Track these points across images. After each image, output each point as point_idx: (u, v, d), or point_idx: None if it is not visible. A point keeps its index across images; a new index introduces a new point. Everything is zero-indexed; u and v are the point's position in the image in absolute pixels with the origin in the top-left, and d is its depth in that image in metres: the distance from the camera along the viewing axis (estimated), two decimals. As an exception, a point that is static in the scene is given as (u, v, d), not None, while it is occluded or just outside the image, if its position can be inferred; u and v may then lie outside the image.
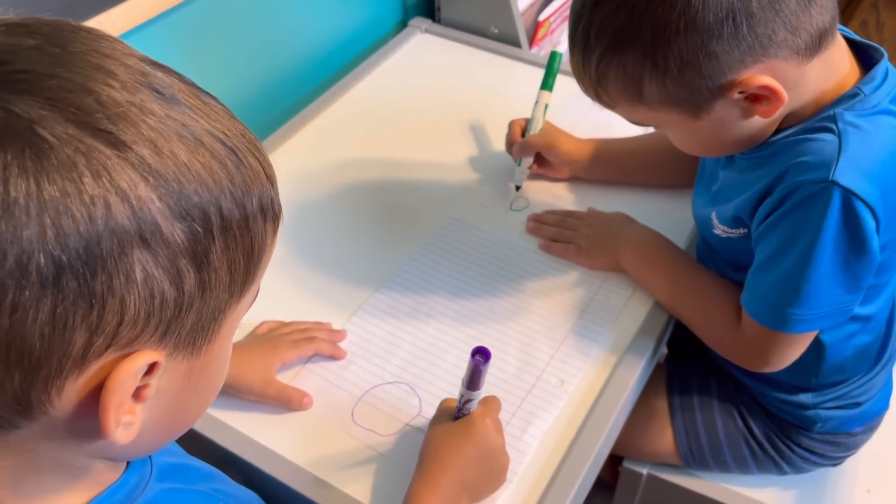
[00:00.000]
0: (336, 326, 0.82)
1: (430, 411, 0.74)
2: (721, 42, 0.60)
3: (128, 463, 0.44)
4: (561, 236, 0.89)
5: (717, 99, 0.64)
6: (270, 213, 0.40)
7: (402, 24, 1.33)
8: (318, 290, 0.86)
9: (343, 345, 0.80)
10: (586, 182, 0.98)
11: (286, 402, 0.73)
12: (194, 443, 0.73)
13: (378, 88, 1.15)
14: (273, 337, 0.77)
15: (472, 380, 0.63)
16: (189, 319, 0.36)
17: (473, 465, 0.63)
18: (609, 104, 0.70)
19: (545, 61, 1.20)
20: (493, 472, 0.65)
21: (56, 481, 0.39)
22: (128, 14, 0.84)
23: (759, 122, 0.66)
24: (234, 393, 0.73)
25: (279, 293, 0.85)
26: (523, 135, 0.95)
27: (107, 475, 0.42)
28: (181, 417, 0.42)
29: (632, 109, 0.68)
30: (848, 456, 0.88)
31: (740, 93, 0.63)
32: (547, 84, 0.95)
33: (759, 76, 0.62)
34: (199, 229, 0.35)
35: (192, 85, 0.39)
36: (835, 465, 0.89)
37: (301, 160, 1.03)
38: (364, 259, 0.89)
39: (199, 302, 0.36)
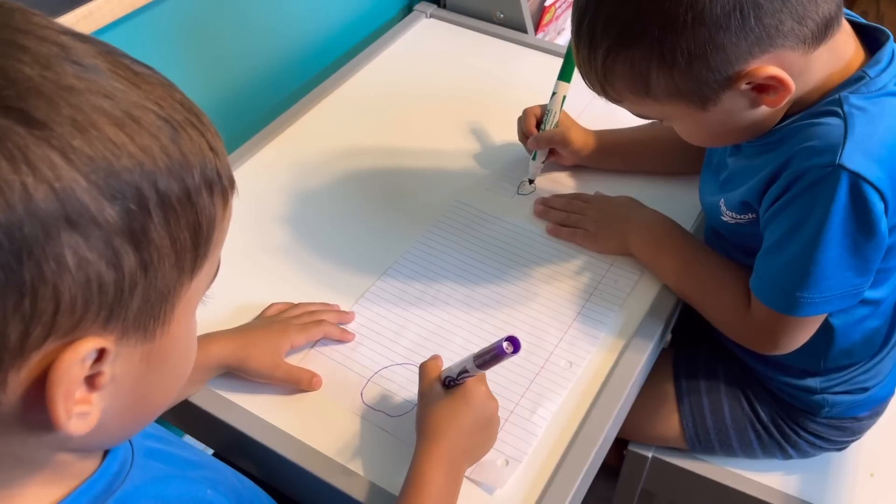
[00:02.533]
0: (344, 308, 0.82)
1: (439, 393, 0.74)
2: (729, 34, 0.60)
3: (107, 452, 0.43)
4: (568, 221, 0.89)
5: (724, 90, 0.64)
6: (218, 185, 0.38)
7: (408, 9, 1.32)
8: (326, 274, 0.86)
9: (351, 327, 0.80)
10: (595, 167, 0.98)
11: (296, 383, 0.73)
12: (205, 422, 0.73)
13: (383, 73, 1.15)
14: (282, 320, 0.77)
15: (489, 362, 0.63)
16: (134, 302, 0.34)
17: (475, 433, 0.65)
18: (615, 99, 0.70)
19: (551, 47, 1.21)
20: (490, 436, 0.67)
21: (20, 476, 0.38)
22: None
23: (765, 112, 0.66)
24: (242, 376, 0.73)
25: (287, 278, 0.85)
26: (538, 126, 0.94)
27: (79, 466, 0.41)
28: (146, 404, 0.41)
29: (639, 103, 0.69)
30: (853, 441, 0.88)
31: (748, 83, 0.63)
32: (565, 75, 0.92)
33: (767, 66, 0.62)
34: (134, 207, 0.33)
35: (123, 55, 0.36)
36: (840, 449, 0.90)
37: (306, 145, 1.02)
38: (371, 244, 0.89)
39: (143, 282, 0.34)
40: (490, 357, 0.63)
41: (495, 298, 0.83)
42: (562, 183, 0.98)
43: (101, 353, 0.34)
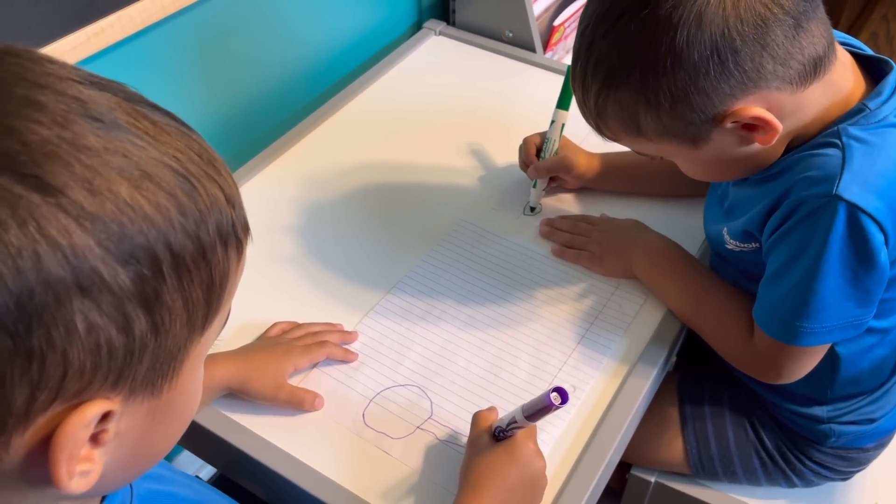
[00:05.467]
0: (348, 327, 0.82)
1: (441, 414, 0.74)
2: (709, 78, 0.61)
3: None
4: (574, 242, 0.89)
5: (712, 129, 0.65)
6: (232, 238, 0.37)
7: (417, 26, 1.33)
8: (332, 290, 0.86)
9: (354, 346, 0.80)
10: (600, 189, 0.98)
11: (298, 404, 0.73)
12: (207, 441, 0.73)
13: (391, 90, 1.15)
14: (285, 342, 0.76)
15: (536, 414, 0.62)
16: (144, 363, 0.34)
17: (517, 490, 0.63)
18: (612, 137, 0.71)
19: (559, 66, 1.21)
20: (535, 495, 0.65)
21: None
22: (149, 9, 0.84)
23: (759, 148, 0.67)
24: (244, 397, 0.73)
25: (293, 292, 0.85)
26: (538, 153, 0.95)
27: None
28: (148, 453, 0.40)
29: (633, 142, 0.70)
30: (858, 471, 0.88)
31: (734, 122, 0.64)
32: (563, 103, 0.92)
33: (751, 107, 0.62)
34: (147, 271, 0.32)
35: (141, 102, 0.36)
36: (844, 479, 0.89)
37: (314, 161, 1.03)
38: (376, 260, 0.89)
39: (153, 344, 0.34)
40: (538, 409, 0.61)
41: (499, 319, 0.83)
42: (567, 204, 0.97)
43: (106, 414, 0.34)
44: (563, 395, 0.60)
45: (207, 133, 1.13)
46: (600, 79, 0.65)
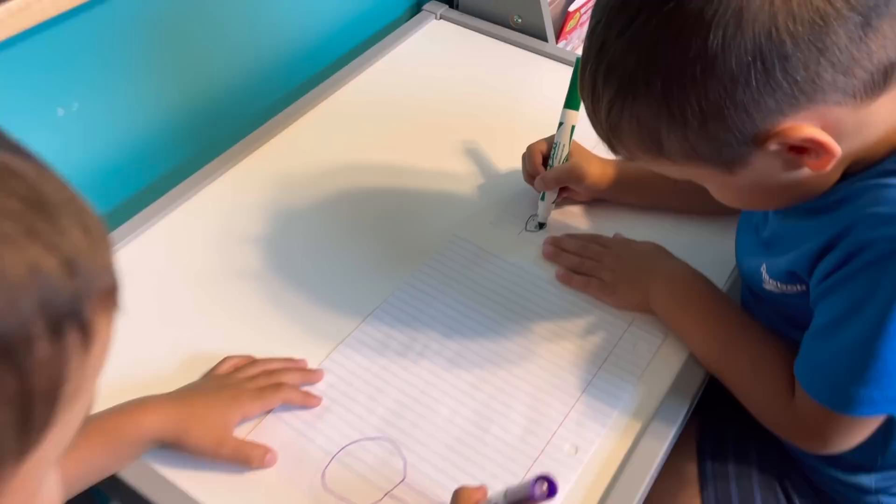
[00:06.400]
0: (314, 363, 0.70)
1: (415, 477, 0.62)
2: (749, 90, 0.49)
3: None
4: (582, 267, 0.77)
5: (751, 152, 0.53)
6: (72, 319, 0.26)
7: (416, 9, 1.21)
8: (297, 316, 0.74)
9: (319, 387, 0.68)
10: (614, 202, 0.86)
11: (244, 461, 0.62)
12: (134, 501, 0.62)
13: (382, 81, 1.03)
14: (235, 383, 0.65)
15: (520, 502, 0.53)
16: None
17: None
18: (627, 156, 0.59)
19: (573, 57, 1.08)
20: None
21: None
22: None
23: (810, 174, 0.55)
24: (180, 452, 0.61)
25: (252, 317, 0.74)
26: (545, 162, 0.83)
27: None
28: None
29: (654, 162, 0.58)
30: (902, 545, 0.76)
31: (779, 144, 0.52)
32: (572, 102, 0.80)
33: (802, 126, 0.50)
34: None
35: None
36: (886, 552, 0.77)
37: (288, 160, 0.91)
38: (352, 281, 0.77)
39: None
40: (520, 498, 0.53)
41: (490, 358, 0.71)
42: (576, 219, 0.85)
43: None
44: (551, 486, 0.50)
45: (165, 128, 0.97)
46: (613, 88, 0.53)
